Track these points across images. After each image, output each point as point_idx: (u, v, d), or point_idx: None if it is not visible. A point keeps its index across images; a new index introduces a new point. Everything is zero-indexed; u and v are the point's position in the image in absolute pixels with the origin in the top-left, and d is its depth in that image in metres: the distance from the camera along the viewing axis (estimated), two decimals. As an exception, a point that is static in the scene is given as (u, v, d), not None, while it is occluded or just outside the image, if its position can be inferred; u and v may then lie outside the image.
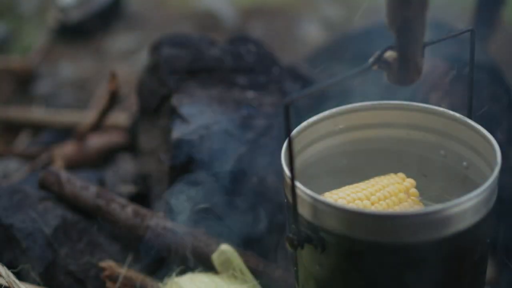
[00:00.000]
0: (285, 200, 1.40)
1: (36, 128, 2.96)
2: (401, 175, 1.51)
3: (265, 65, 2.19)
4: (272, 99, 2.06)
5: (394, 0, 1.20)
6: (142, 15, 4.07)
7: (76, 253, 1.87)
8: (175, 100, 2.01)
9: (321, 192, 1.44)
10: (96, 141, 2.60)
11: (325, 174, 1.55)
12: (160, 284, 1.76)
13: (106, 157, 2.56)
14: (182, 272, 1.77)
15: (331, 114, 1.54)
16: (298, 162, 1.47)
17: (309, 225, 1.30)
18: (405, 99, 1.57)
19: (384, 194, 1.43)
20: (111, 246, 1.93)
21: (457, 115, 1.49)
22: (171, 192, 1.90)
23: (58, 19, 3.80)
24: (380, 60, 1.28)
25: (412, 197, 1.48)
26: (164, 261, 1.92)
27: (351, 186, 1.46)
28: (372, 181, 1.48)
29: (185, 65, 2.12)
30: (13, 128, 2.98)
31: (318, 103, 1.75)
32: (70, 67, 3.57)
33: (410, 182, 1.49)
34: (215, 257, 1.75)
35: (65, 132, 2.84)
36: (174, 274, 1.74)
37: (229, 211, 1.89)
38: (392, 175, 1.51)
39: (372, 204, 1.41)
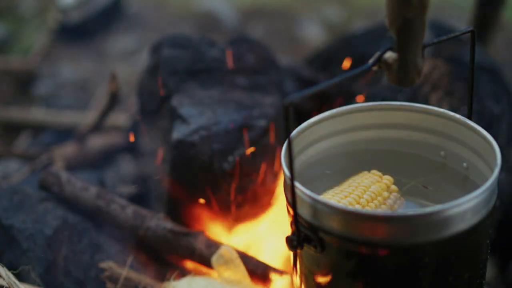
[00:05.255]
0: (286, 200, 1.40)
1: (37, 128, 2.96)
2: (376, 172, 1.51)
3: (265, 66, 2.19)
4: (272, 99, 2.06)
5: (394, 1, 1.20)
6: (142, 16, 4.07)
7: (76, 254, 1.87)
8: (175, 101, 2.01)
9: (321, 193, 1.44)
10: (96, 142, 2.60)
11: (325, 175, 1.56)
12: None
13: (106, 158, 2.56)
14: (181, 274, 1.77)
15: (331, 115, 1.54)
16: (298, 162, 1.47)
17: (308, 226, 1.30)
18: (406, 100, 1.57)
19: (370, 195, 1.43)
20: (111, 247, 1.93)
21: (457, 116, 1.49)
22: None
23: (58, 19, 3.80)
24: (380, 60, 1.28)
25: (393, 193, 1.48)
26: (164, 262, 1.92)
27: (335, 190, 1.45)
28: (353, 182, 1.47)
29: (185, 66, 2.12)
30: (13, 129, 2.98)
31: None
32: (70, 67, 3.58)
33: (388, 179, 1.49)
34: (215, 260, 1.75)
35: (66, 133, 2.84)
36: (172, 277, 1.74)
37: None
38: (367, 173, 1.50)
39: (363, 207, 1.41)
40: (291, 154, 1.23)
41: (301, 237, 1.30)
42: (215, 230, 1.93)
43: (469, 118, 1.48)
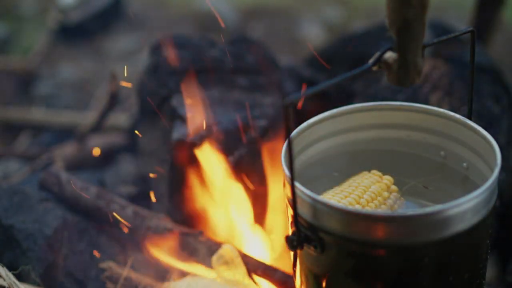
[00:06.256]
0: (286, 201, 1.40)
1: (37, 128, 2.96)
2: (376, 172, 1.51)
3: (265, 66, 2.19)
4: (272, 99, 2.06)
5: (395, 1, 1.20)
6: (143, 16, 4.07)
7: (76, 254, 1.87)
8: (175, 101, 2.01)
9: (321, 193, 1.44)
10: (97, 142, 2.60)
11: (325, 175, 1.56)
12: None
13: (106, 158, 2.56)
14: (181, 274, 1.77)
15: (331, 115, 1.54)
16: (298, 162, 1.47)
17: (308, 226, 1.30)
18: (406, 100, 1.57)
19: (370, 195, 1.43)
20: (111, 247, 1.93)
21: (457, 116, 1.49)
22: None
23: (58, 19, 3.80)
24: (380, 60, 1.28)
25: (393, 193, 1.48)
26: (164, 262, 1.92)
27: (335, 190, 1.45)
28: (353, 182, 1.47)
29: (185, 66, 2.12)
30: (13, 129, 2.98)
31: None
32: (70, 68, 3.58)
33: (388, 179, 1.49)
34: (215, 260, 1.74)
35: (66, 133, 2.84)
36: (172, 277, 1.73)
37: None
38: (367, 173, 1.51)
39: (363, 207, 1.41)
40: (291, 154, 1.23)
41: (301, 237, 1.30)
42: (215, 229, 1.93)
43: (469, 118, 1.48)
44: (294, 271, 1.43)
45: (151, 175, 2.10)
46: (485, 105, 2.10)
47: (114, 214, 1.89)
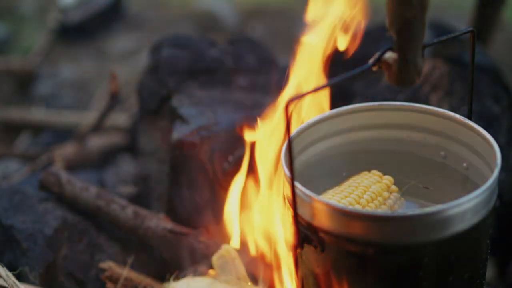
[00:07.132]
0: (286, 201, 1.40)
1: (37, 129, 2.96)
2: (376, 172, 1.51)
3: (265, 66, 2.19)
4: (272, 100, 2.06)
5: (395, 1, 1.20)
6: (143, 16, 4.07)
7: (76, 254, 1.87)
8: (175, 101, 2.01)
9: (321, 193, 1.44)
10: (97, 142, 2.60)
11: (325, 174, 1.56)
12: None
13: (106, 158, 2.56)
14: (180, 275, 1.76)
15: (331, 115, 1.54)
16: (298, 162, 1.47)
17: (308, 226, 1.30)
18: (406, 100, 1.57)
19: (370, 195, 1.43)
20: (111, 247, 1.93)
21: (457, 116, 1.49)
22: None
23: (58, 20, 3.80)
24: (380, 60, 1.28)
25: (393, 193, 1.48)
26: (164, 262, 1.92)
27: (335, 190, 1.45)
28: (353, 182, 1.48)
29: (185, 66, 2.12)
30: (13, 129, 2.98)
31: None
32: (70, 68, 3.58)
33: (388, 179, 1.49)
34: (215, 259, 1.74)
35: (66, 133, 2.84)
36: (172, 277, 1.73)
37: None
38: (367, 173, 1.51)
39: (363, 208, 1.41)
40: (291, 154, 1.23)
41: (301, 237, 1.30)
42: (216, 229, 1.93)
43: (469, 118, 1.48)
44: (294, 271, 1.43)
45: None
46: (485, 105, 2.10)
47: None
